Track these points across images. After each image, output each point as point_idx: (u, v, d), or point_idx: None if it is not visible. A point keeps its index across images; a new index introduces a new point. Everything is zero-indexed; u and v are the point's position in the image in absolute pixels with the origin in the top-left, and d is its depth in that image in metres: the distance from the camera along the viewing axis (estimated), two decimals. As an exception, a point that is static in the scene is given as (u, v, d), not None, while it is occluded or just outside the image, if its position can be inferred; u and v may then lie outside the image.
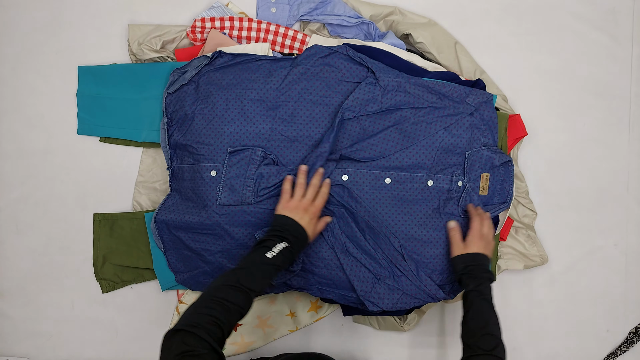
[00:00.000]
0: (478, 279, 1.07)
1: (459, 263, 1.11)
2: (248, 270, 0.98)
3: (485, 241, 1.13)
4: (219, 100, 1.19)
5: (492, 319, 1.04)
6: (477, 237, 1.12)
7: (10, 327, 1.35)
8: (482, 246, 1.11)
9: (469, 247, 1.11)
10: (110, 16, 1.35)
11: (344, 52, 1.21)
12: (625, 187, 1.38)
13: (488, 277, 1.08)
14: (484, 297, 1.05)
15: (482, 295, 1.05)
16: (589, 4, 1.37)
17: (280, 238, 1.03)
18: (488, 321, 1.03)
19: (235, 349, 1.31)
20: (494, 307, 1.06)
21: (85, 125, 1.33)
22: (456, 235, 1.14)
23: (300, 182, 1.12)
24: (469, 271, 1.08)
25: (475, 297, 1.05)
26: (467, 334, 1.03)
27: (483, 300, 1.05)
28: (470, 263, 1.09)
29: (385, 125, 1.18)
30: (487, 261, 1.10)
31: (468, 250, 1.11)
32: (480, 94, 1.21)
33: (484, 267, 1.09)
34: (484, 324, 1.02)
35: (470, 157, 1.20)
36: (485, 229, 1.14)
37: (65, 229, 1.35)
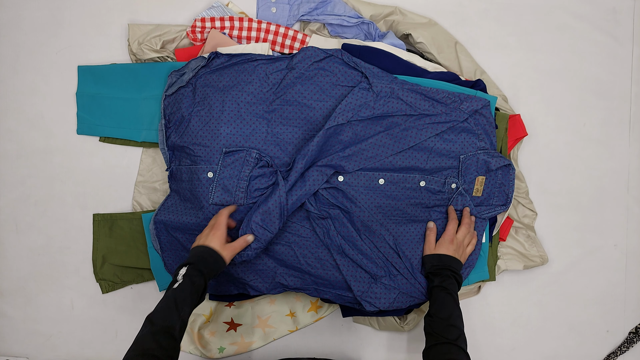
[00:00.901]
0: (442, 276, 1.12)
1: (427, 262, 1.17)
2: (159, 311, 0.97)
3: (456, 245, 1.17)
4: (216, 102, 1.20)
5: (456, 312, 1.07)
6: (448, 241, 1.17)
7: (10, 327, 1.35)
8: (451, 249, 1.16)
9: (439, 249, 1.16)
10: (110, 16, 1.35)
11: (338, 56, 1.21)
12: (625, 187, 1.38)
13: (453, 275, 1.12)
14: (447, 292, 1.10)
15: (446, 290, 1.10)
16: (589, 4, 1.37)
17: (182, 265, 1.03)
18: (451, 314, 1.07)
19: (235, 348, 1.31)
20: (457, 302, 1.10)
21: (85, 125, 1.33)
22: (430, 236, 1.19)
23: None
24: (435, 270, 1.14)
25: (440, 292, 1.10)
26: (431, 324, 1.07)
27: (447, 294, 1.09)
28: (437, 263, 1.15)
29: (376, 130, 1.19)
30: (454, 263, 1.15)
31: (437, 251, 1.16)
32: (476, 101, 1.21)
33: (450, 267, 1.13)
34: (447, 316, 1.06)
35: (465, 160, 1.20)
36: (459, 234, 1.18)
37: (65, 229, 1.35)
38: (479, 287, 1.34)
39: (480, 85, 1.26)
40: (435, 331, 1.05)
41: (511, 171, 1.22)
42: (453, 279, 1.12)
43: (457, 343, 1.03)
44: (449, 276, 1.12)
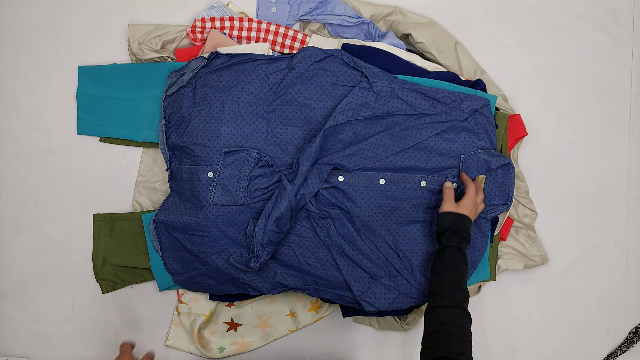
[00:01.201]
0: (460, 237, 1.10)
1: (446, 218, 1.12)
2: None
3: (476, 209, 1.15)
4: (216, 102, 1.20)
5: (465, 276, 1.07)
6: (471, 204, 1.14)
7: (10, 327, 1.35)
8: (472, 212, 1.13)
9: (461, 209, 1.13)
10: (110, 16, 1.35)
11: (338, 56, 1.21)
12: (625, 187, 1.38)
13: (468, 238, 1.12)
14: (462, 254, 1.09)
15: (461, 252, 1.09)
16: (590, 4, 1.37)
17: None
18: (463, 276, 1.06)
19: (236, 348, 1.31)
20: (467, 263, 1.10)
21: (85, 125, 1.33)
22: (451, 194, 1.16)
23: None
24: (455, 229, 1.11)
25: (455, 252, 1.08)
26: (440, 284, 1.05)
27: (462, 256, 1.08)
28: (458, 222, 1.11)
29: (376, 130, 1.19)
30: (470, 226, 1.14)
31: (459, 210, 1.13)
32: (476, 100, 1.21)
33: (467, 229, 1.12)
34: (459, 278, 1.05)
35: (466, 160, 1.20)
36: (478, 198, 1.16)
37: (65, 229, 1.35)
38: (479, 287, 1.34)
39: (480, 85, 1.26)
40: (443, 292, 1.03)
41: (511, 170, 1.22)
42: (467, 243, 1.11)
43: (463, 307, 1.02)
44: (466, 239, 1.11)
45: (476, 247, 1.22)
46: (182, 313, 1.31)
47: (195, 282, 1.24)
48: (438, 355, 0.96)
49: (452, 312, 1.01)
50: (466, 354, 0.97)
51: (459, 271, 1.06)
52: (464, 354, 0.97)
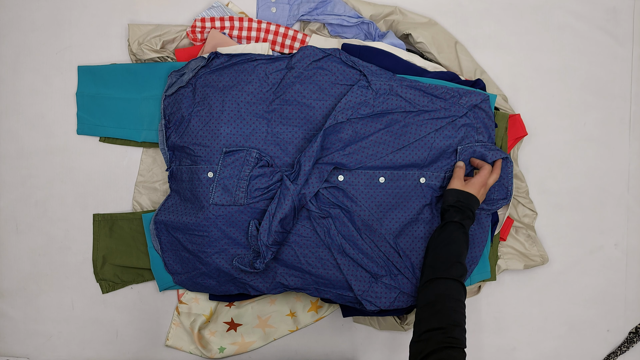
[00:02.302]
0: (464, 215, 1.10)
1: (452, 195, 1.13)
2: None
3: (484, 191, 1.15)
4: (215, 102, 1.20)
5: (465, 254, 1.07)
6: (480, 184, 1.14)
7: (10, 327, 1.35)
8: (480, 193, 1.13)
9: (469, 187, 1.13)
10: (110, 16, 1.35)
11: (337, 55, 1.21)
12: (625, 187, 1.38)
13: (473, 217, 1.12)
14: (464, 232, 1.08)
15: (464, 229, 1.09)
16: (589, 4, 1.37)
17: None
18: (462, 252, 1.06)
19: (236, 348, 1.31)
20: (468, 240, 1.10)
21: (85, 125, 1.33)
22: (460, 172, 1.17)
23: None
24: (459, 206, 1.11)
25: (457, 228, 1.08)
26: (438, 258, 1.05)
27: (463, 234, 1.08)
28: (464, 200, 1.11)
29: (376, 128, 1.19)
30: (477, 205, 1.13)
31: (467, 189, 1.13)
32: (475, 95, 1.21)
33: (473, 208, 1.12)
34: (458, 253, 1.05)
35: (462, 151, 1.21)
36: (490, 180, 1.16)
37: (65, 229, 1.35)
38: (479, 286, 1.34)
39: (479, 85, 1.26)
40: (441, 266, 1.03)
41: (509, 164, 1.22)
42: (470, 222, 1.11)
43: (461, 280, 1.01)
44: (470, 217, 1.10)
45: (476, 243, 1.22)
46: (182, 313, 1.31)
47: (195, 282, 1.24)
48: (432, 327, 0.95)
49: (450, 285, 1.00)
50: (461, 326, 0.96)
51: (459, 247, 1.06)
52: (460, 325, 0.96)
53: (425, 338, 0.94)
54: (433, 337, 0.93)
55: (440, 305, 0.98)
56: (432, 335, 0.94)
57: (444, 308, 0.97)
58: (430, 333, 0.94)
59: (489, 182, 1.16)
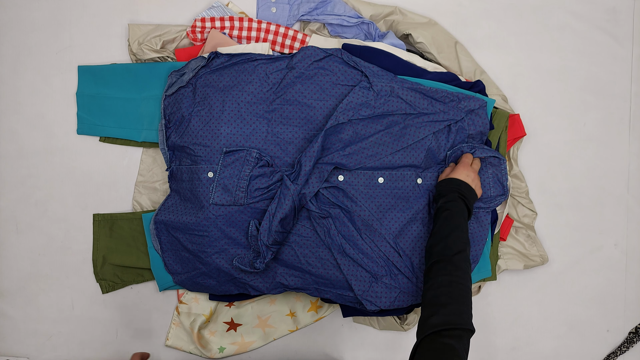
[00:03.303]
0: (447, 197, 1.09)
1: (438, 187, 1.15)
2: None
3: (473, 172, 1.14)
4: (216, 102, 1.20)
5: (456, 232, 1.02)
6: (462, 166, 1.14)
7: (10, 327, 1.35)
8: (464, 174, 1.12)
9: (453, 175, 1.14)
10: (110, 16, 1.35)
11: (338, 55, 1.21)
12: (625, 187, 1.38)
13: (460, 197, 1.08)
14: (450, 211, 1.06)
15: (448, 210, 1.06)
16: (589, 4, 1.37)
17: None
18: (451, 232, 1.02)
19: (236, 348, 1.31)
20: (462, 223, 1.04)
21: (85, 125, 1.33)
22: (447, 169, 1.18)
23: None
24: (440, 191, 1.11)
25: (442, 212, 1.07)
26: (430, 245, 1.04)
27: (449, 213, 1.06)
28: (446, 185, 1.12)
29: (377, 129, 1.19)
30: (465, 187, 1.10)
31: (450, 176, 1.14)
32: (474, 101, 1.21)
33: (458, 190, 1.09)
34: (446, 234, 1.02)
35: (451, 155, 1.21)
36: (475, 164, 1.17)
37: (65, 229, 1.35)
38: (479, 286, 1.34)
39: (479, 86, 1.26)
40: (433, 249, 1.01)
41: (501, 161, 1.23)
42: (461, 201, 1.08)
43: (454, 260, 0.97)
44: (455, 198, 1.08)
45: (476, 240, 1.22)
46: (182, 313, 1.31)
47: (195, 282, 1.24)
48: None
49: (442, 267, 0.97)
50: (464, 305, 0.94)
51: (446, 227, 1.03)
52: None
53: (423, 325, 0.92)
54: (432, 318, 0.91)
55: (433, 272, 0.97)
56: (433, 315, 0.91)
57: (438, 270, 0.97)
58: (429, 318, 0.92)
59: (474, 166, 1.16)
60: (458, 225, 1.04)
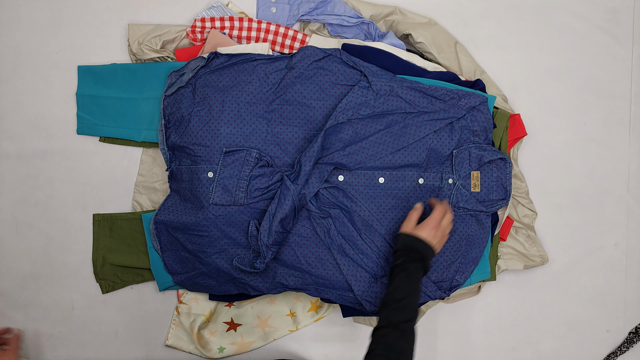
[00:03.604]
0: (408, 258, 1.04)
1: (400, 240, 1.08)
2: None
3: (441, 232, 1.09)
4: (215, 102, 1.20)
5: (410, 297, 1.00)
6: (431, 226, 1.08)
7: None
8: (432, 235, 1.07)
9: (419, 231, 1.07)
10: (110, 16, 1.35)
11: (337, 55, 1.21)
12: (625, 187, 1.38)
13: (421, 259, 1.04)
14: (407, 273, 1.02)
15: (406, 270, 1.02)
16: (590, 4, 1.37)
17: None
18: (404, 297, 1.00)
19: (236, 348, 1.31)
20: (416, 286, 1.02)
21: (85, 125, 1.33)
22: (413, 215, 1.11)
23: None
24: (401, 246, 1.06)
25: (400, 272, 1.03)
26: (382, 304, 1.01)
27: (407, 275, 1.02)
28: (410, 244, 1.06)
29: (377, 128, 1.19)
30: (428, 250, 1.06)
31: (416, 232, 1.07)
32: (474, 97, 1.21)
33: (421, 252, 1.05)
34: (399, 298, 1.00)
35: (458, 154, 1.21)
36: (445, 220, 1.10)
37: (65, 229, 1.35)
38: (479, 287, 1.34)
39: (479, 85, 1.27)
40: (383, 313, 0.99)
41: (507, 164, 1.22)
42: (419, 264, 1.03)
43: (401, 328, 0.96)
44: (416, 259, 1.04)
45: (477, 242, 1.22)
46: (182, 313, 1.31)
47: (195, 282, 1.24)
48: None
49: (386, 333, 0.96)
50: None
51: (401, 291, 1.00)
52: None
53: None
54: None
55: (370, 357, 0.94)
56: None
57: (374, 357, 0.94)
58: None
59: (444, 222, 1.09)
60: (413, 290, 1.01)
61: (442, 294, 1.21)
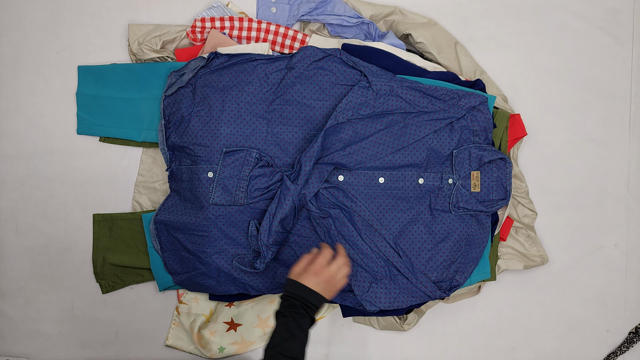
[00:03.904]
0: (289, 304, 1.00)
1: (287, 285, 1.02)
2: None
3: (325, 279, 1.01)
4: (215, 103, 1.20)
5: (287, 343, 0.97)
6: (313, 273, 1.01)
7: (10, 327, 1.35)
8: (314, 282, 1.00)
9: (303, 278, 1.01)
10: (110, 16, 1.35)
11: (337, 55, 1.21)
12: (625, 187, 1.38)
13: (302, 306, 0.99)
14: (286, 319, 0.98)
15: (284, 316, 0.99)
16: (590, 4, 1.37)
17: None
18: (280, 343, 0.96)
19: (236, 348, 1.31)
20: (295, 332, 0.98)
21: (85, 125, 1.33)
22: (303, 260, 1.04)
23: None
24: (285, 292, 1.02)
25: (280, 317, 0.99)
26: (267, 345, 0.98)
27: (284, 322, 0.98)
28: (292, 290, 1.01)
29: (377, 128, 1.19)
30: (312, 296, 1.00)
31: (300, 279, 1.01)
32: (474, 97, 1.21)
33: (302, 299, 1.00)
34: (274, 344, 0.97)
35: (458, 154, 1.21)
36: (332, 267, 1.02)
37: (65, 229, 1.35)
38: (479, 287, 1.34)
39: (479, 85, 1.27)
40: (268, 352, 0.96)
41: (507, 164, 1.22)
42: (302, 310, 0.99)
43: None
44: (296, 306, 0.99)
45: (477, 243, 1.22)
46: (182, 313, 1.31)
47: (195, 282, 1.24)
48: None
49: None
50: None
51: (276, 337, 0.97)
52: None
53: None
54: None
55: None
56: None
57: None
58: None
59: (332, 268, 1.02)
60: (293, 335, 0.98)
61: (442, 294, 1.21)
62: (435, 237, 1.21)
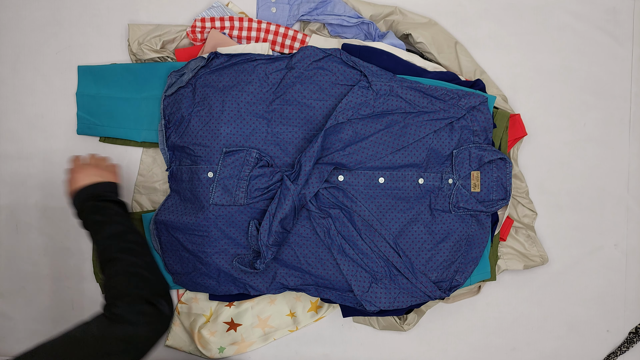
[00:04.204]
0: (84, 212, 1.02)
1: (75, 201, 1.05)
2: None
3: (90, 168, 1.07)
4: (215, 103, 1.20)
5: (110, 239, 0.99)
6: (77, 170, 1.07)
7: (10, 327, 1.35)
8: (86, 178, 1.05)
9: (74, 184, 1.06)
10: (110, 16, 1.35)
11: (337, 55, 1.21)
12: (625, 187, 1.38)
13: (92, 201, 1.02)
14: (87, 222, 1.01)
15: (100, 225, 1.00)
16: (589, 4, 1.37)
17: None
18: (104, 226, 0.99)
19: (236, 348, 1.31)
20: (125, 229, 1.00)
21: (85, 125, 1.33)
22: (67, 183, 1.09)
23: None
24: (76, 209, 1.04)
25: (89, 228, 1.01)
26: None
27: (96, 228, 1.00)
28: (78, 200, 1.04)
29: (377, 128, 1.19)
30: (99, 188, 1.04)
31: (74, 188, 1.05)
32: (474, 97, 1.21)
33: (89, 196, 1.03)
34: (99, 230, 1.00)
35: (458, 154, 1.21)
36: (85, 159, 1.13)
37: (65, 229, 1.35)
38: (479, 287, 1.34)
39: (479, 85, 1.27)
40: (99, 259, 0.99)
41: (507, 164, 1.22)
42: (99, 203, 1.02)
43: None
44: (89, 209, 1.02)
45: (477, 242, 1.22)
46: (182, 313, 1.31)
47: (195, 282, 1.24)
48: None
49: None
50: None
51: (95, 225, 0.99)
52: None
53: None
54: None
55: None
56: None
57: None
58: None
59: (88, 160, 1.10)
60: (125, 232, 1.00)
61: (442, 294, 1.21)
62: (435, 237, 1.21)
